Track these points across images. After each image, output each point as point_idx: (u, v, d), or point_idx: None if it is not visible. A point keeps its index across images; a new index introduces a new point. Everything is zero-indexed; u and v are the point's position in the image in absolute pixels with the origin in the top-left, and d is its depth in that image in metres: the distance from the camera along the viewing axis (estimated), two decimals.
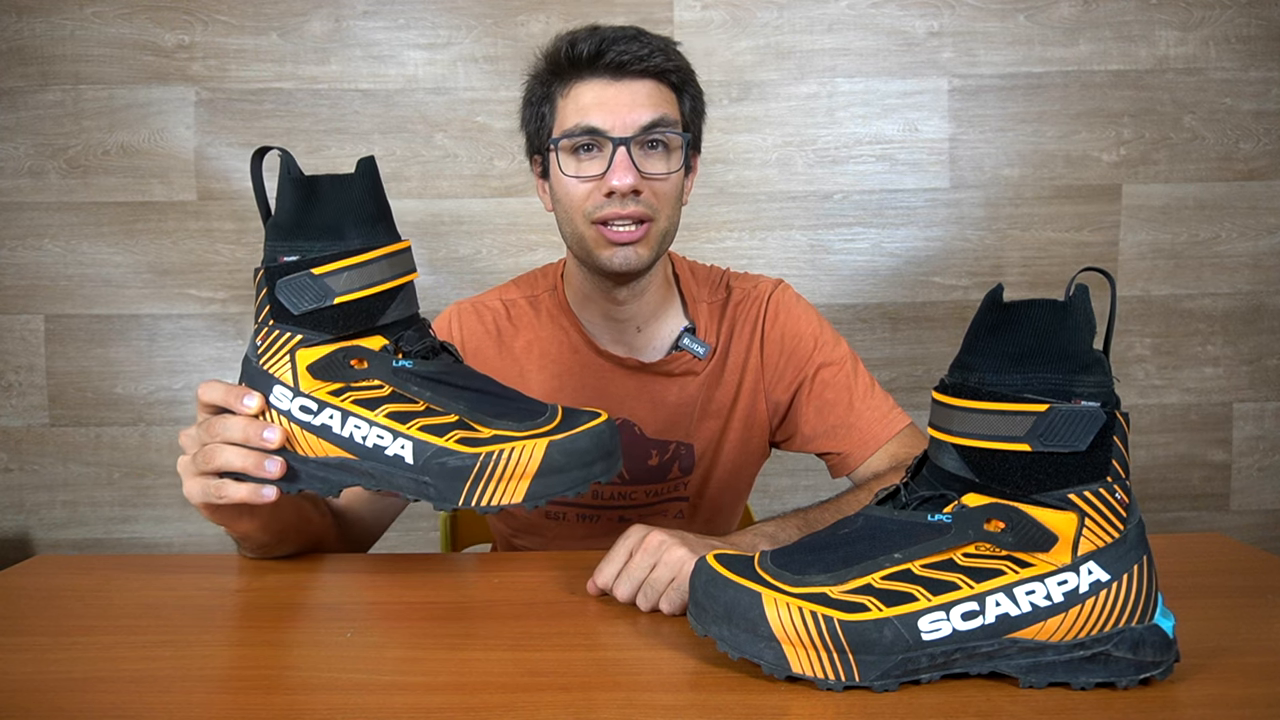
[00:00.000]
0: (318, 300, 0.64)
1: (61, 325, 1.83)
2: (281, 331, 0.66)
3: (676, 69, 0.96)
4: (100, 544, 1.86)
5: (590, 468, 0.65)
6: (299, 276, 0.64)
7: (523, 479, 0.64)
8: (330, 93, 1.80)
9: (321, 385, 0.66)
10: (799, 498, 1.88)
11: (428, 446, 0.64)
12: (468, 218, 1.83)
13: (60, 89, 1.78)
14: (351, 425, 0.65)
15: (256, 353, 0.67)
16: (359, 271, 0.64)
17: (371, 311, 0.65)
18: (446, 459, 0.63)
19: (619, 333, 1.04)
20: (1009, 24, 1.82)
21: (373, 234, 0.65)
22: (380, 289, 0.65)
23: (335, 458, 0.67)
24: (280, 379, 0.66)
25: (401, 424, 0.65)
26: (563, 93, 0.95)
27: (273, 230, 0.66)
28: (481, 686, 0.56)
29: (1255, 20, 1.82)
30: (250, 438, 0.67)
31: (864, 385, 1.04)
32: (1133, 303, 1.87)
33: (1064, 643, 0.54)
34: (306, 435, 0.67)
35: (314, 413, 0.66)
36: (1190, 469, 1.91)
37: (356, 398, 0.66)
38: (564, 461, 0.64)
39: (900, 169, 1.85)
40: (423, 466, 0.64)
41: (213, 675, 0.58)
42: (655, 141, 0.94)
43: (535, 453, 0.63)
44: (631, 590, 0.70)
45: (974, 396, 0.54)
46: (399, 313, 0.67)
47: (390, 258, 0.66)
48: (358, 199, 0.65)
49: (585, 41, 0.92)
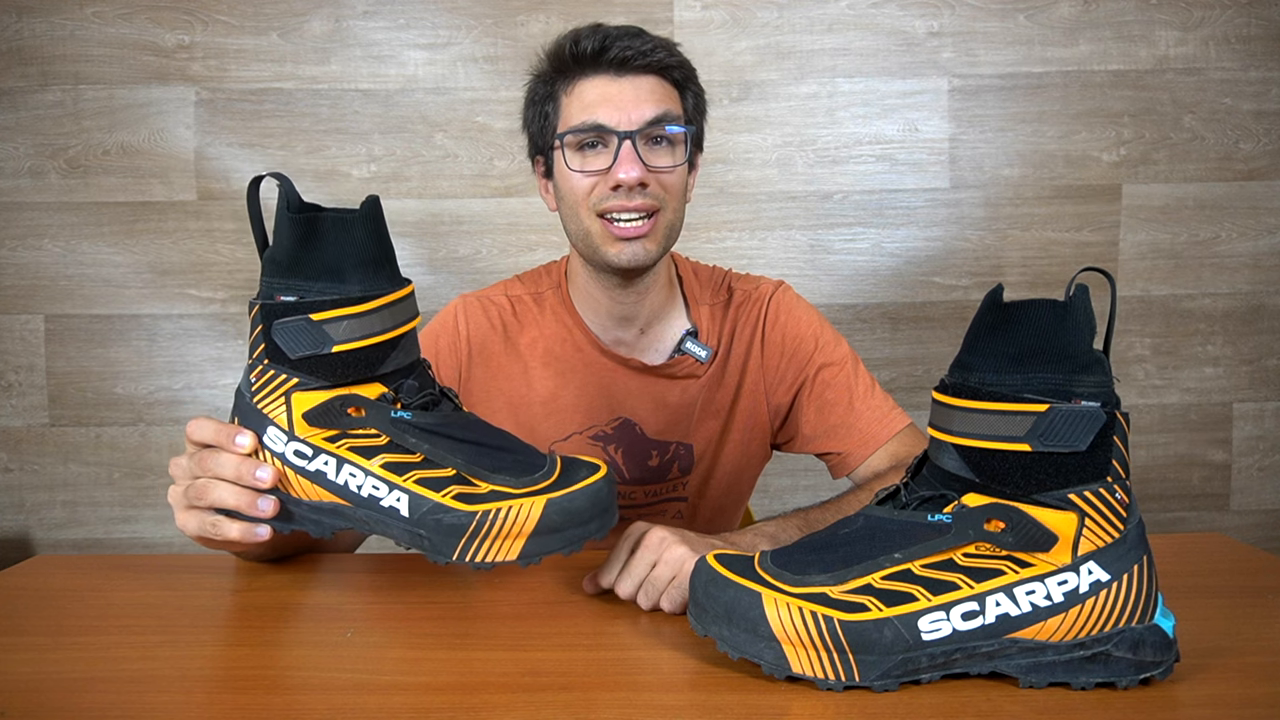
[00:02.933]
0: (315, 347, 0.62)
1: (61, 325, 1.83)
2: (277, 372, 0.63)
3: (679, 65, 0.96)
4: (100, 544, 1.85)
5: (586, 526, 0.64)
6: (296, 321, 0.61)
7: (518, 538, 0.63)
8: (330, 93, 1.79)
9: (317, 431, 0.64)
10: (799, 498, 1.88)
11: (424, 501, 0.63)
12: (468, 218, 1.83)
13: (60, 89, 1.78)
14: (347, 473, 0.64)
15: (250, 389, 0.65)
16: (359, 321, 0.62)
17: (371, 361, 0.63)
18: (443, 515, 0.62)
19: (622, 332, 1.04)
20: (1009, 24, 1.82)
21: (375, 280, 0.63)
22: (380, 339, 0.63)
23: (329, 503, 0.65)
24: (275, 420, 0.64)
25: (398, 475, 0.63)
26: (566, 90, 0.95)
27: (270, 265, 0.63)
28: (481, 686, 0.56)
29: (1255, 20, 1.82)
30: (243, 476, 0.65)
31: (864, 385, 1.04)
32: (1133, 303, 1.87)
33: (1064, 643, 0.54)
34: (301, 480, 0.65)
35: (309, 458, 0.64)
36: (1190, 469, 1.91)
37: (353, 445, 0.64)
38: (561, 521, 0.63)
39: (900, 169, 1.85)
40: (419, 520, 0.63)
41: (213, 675, 0.58)
42: (660, 136, 0.94)
43: (533, 512, 0.62)
44: (632, 588, 0.70)
45: (974, 396, 0.54)
46: (399, 361, 0.65)
47: (392, 306, 0.63)
48: (360, 241, 0.62)
49: (589, 39, 0.92)
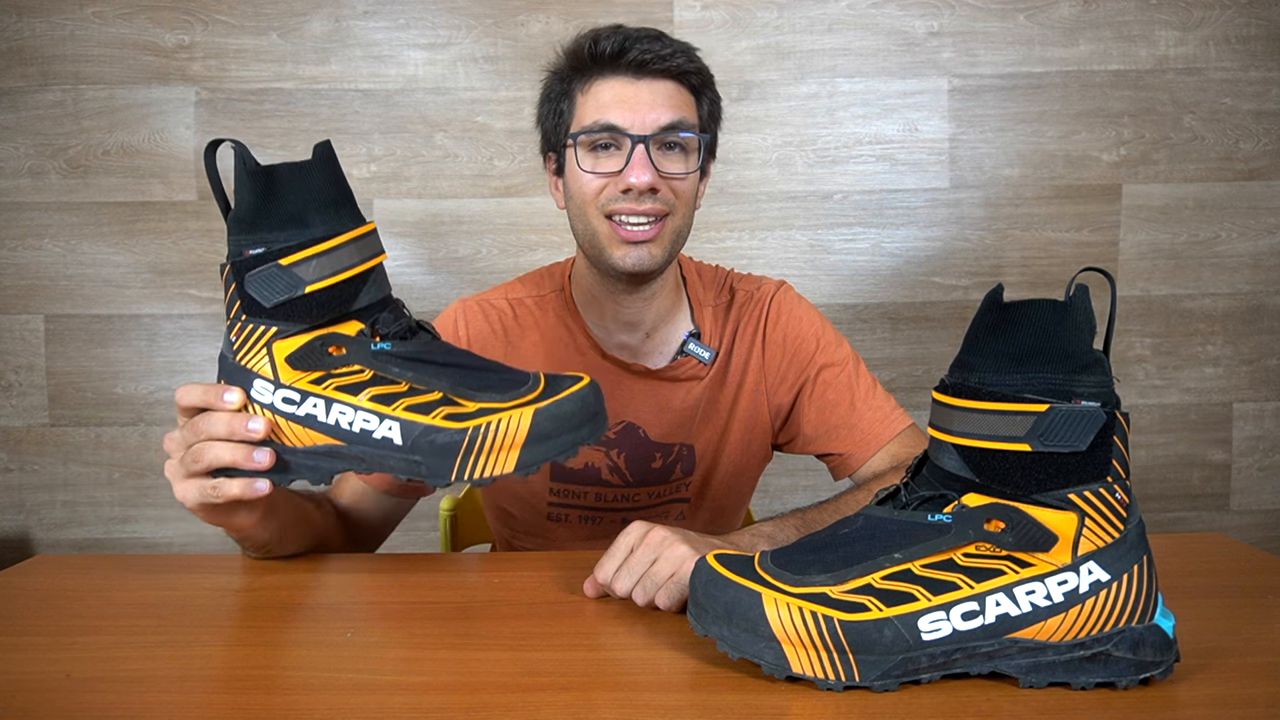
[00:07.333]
0: (289, 291, 0.64)
1: (61, 325, 1.83)
2: (255, 325, 0.65)
3: (697, 71, 0.96)
4: (100, 544, 1.86)
5: (578, 431, 0.66)
6: (267, 269, 0.63)
7: (513, 449, 0.64)
8: (330, 93, 1.80)
9: (302, 375, 0.66)
10: (799, 498, 1.88)
11: (415, 425, 0.64)
12: (468, 218, 1.83)
13: (60, 89, 1.78)
14: (336, 412, 0.65)
15: (232, 349, 0.67)
16: (327, 258, 0.64)
17: (344, 297, 0.65)
18: (435, 436, 0.64)
19: (626, 336, 1.04)
20: (1009, 24, 1.82)
21: (337, 219, 0.65)
22: (351, 274, 0.65)
23: (324, 445, 0.67)
24: (259, 373, 0.66)
25: (386, 406, 0.64)
26: (583, 89, 0.95)
27: (234, 224, 0.65)
28: (481, 686, 0.56)
29: (1255, 20, 1.82)
30: (236, 431, 0.66)
31: (865, 386, 1.04)
32: (1133, 303, 1.87)
33: (1064, 643, 0.54)
34: (292, 426, 0.66)
35: (297, 403, 0.66)
36: (1190, 469, 1.91)
37: (339, 384, 0.65)
38: (552, 428, 0.64)
39: (900, 169, 1.85)
40: (412, 446, 0.64)
41: (213, 675, 0.58)
42: (673, 142, 0.94)
43: (523, 422, 0.64)
44: (630, 584, 0.70)
45: (974, 396, 0.54)
46: (372, 295, 0.66)
47: (357, 241, 0.65)
48: (318, 185, 0.64)
49: (608, 39, 0.92)
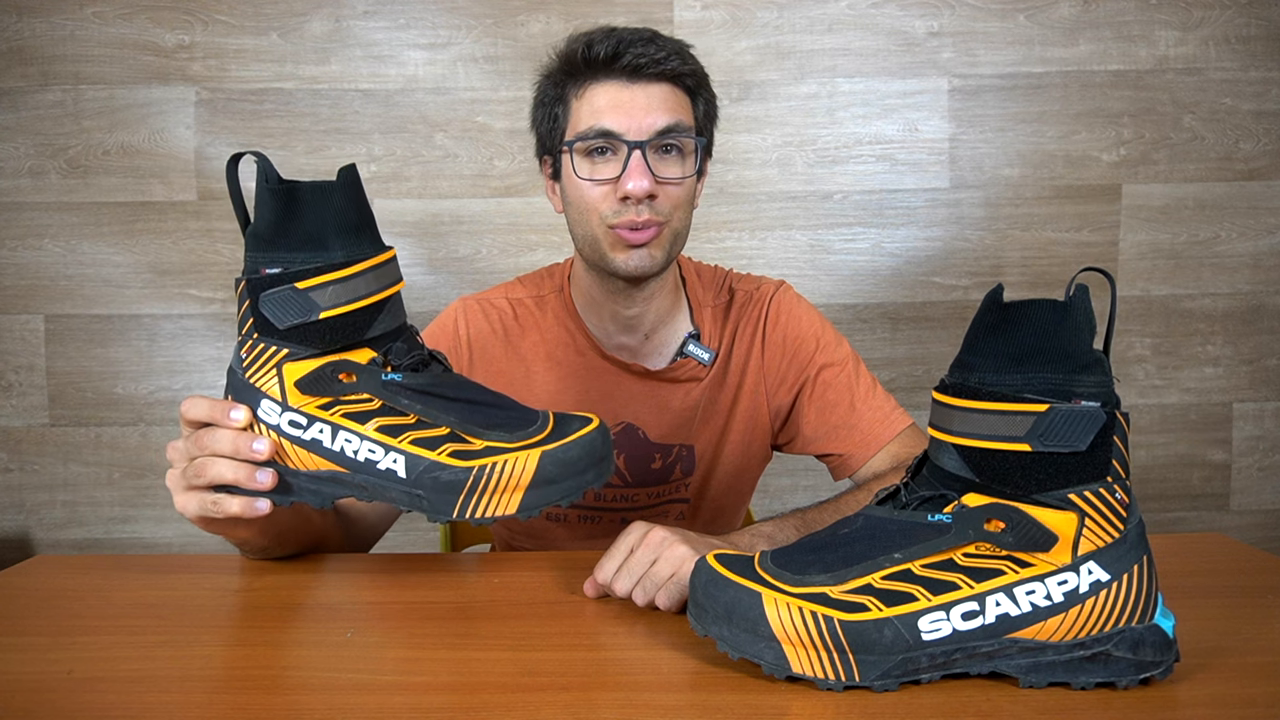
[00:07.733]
0: (303, 315, 0.62)
1: (61, 325, 1.83)
2: (267, 345, 0.64)
3: (692, 73, 0.95)
4: (100, 544, 1.86)
5: (583, 475, 0.65)
6: (283, 290, 0.62)
7: (516, 490, 0.63)
8: (330, 93, 1.79)
9: (310, 400, 0.65)
10: (799, 498, 1.88)
11: (420, 460, 0.63)
12: (468, 218, 1.83)
13: (60, 89, 1.78)
14: (342, 439, 0.64)
15: (242, 365, 0.66)
16: (344, 286, 0.63)
17: (358, 325, 0.64)
18: (439, 473, 0.63)
19: (626, 337, 1.04)
20: (1009, 24, 1.82)
21: (356, 245, 0.64)
22: (366, 302, 0.64)
23: (327, 471, 0.66)
24: (268, 393, 0.65)
25: (393, 438, 0.64)
26: (577, 94, 0.94)
27: (252, 240, 0.64)
28: (481, 686, 0.56)
29: (1255, 20, 1.82)
30: (240, 450, 0.66)
31: (865, 386, 1.04)
32: (1133, 303, 1.87)
33: (1064, 643, 0.54)
34: (297, 449, 0.66)
35: (304, 427, 0.65)
36: (1190, 469, 1.91)
37: (346, 411, 0.65)
38: (557, 472, 0.64)
39: (900, 169, 1.85)
40: (416, 480, 0.63)
41: (213, 675, 0.58)
42: (670, 145, 0.93)
43: (529, 464, 0.63)
44: (630, 584, 0.70)
45: (974, 396, 0.54)
46: (386, 325, 0.65)
47: (375, 270, 0.64)
48: (339, 208, 0.63)
49: (602, 43, 0.91)
